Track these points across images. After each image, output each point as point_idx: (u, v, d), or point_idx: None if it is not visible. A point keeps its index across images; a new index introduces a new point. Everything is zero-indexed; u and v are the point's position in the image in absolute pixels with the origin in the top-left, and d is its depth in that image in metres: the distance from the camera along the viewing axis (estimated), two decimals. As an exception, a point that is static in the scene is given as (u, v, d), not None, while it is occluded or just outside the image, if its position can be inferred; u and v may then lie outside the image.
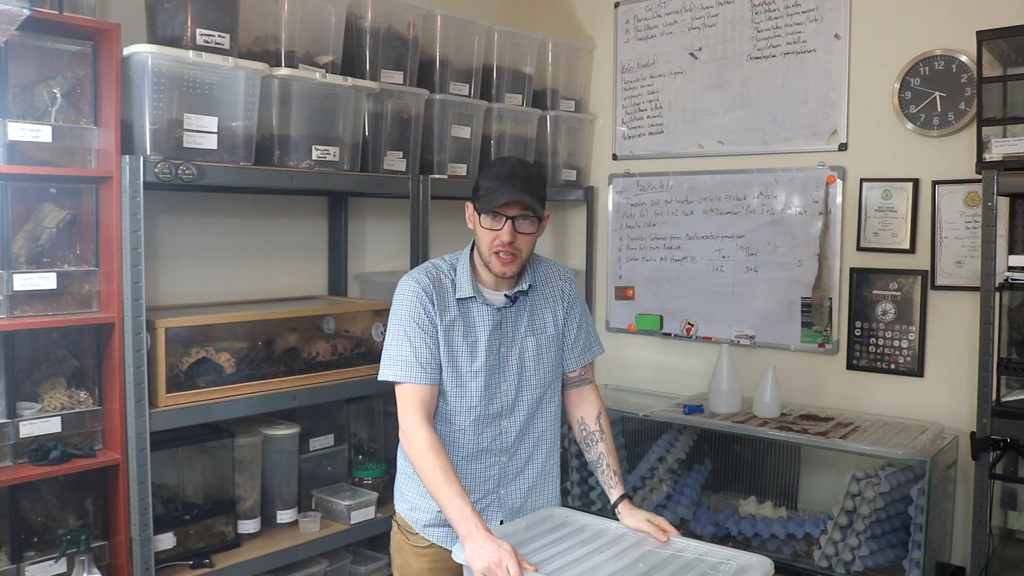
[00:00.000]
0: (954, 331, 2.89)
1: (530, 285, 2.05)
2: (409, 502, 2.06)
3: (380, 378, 1.98)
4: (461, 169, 3.16)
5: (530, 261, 2.08)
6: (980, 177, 2.46)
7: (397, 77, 2.91)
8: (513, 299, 2.03)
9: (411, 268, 2.94)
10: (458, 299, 2.00)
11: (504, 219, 1.92)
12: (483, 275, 2.03)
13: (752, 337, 3.32)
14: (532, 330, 2.06)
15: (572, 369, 2.15)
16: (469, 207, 2.02)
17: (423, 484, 1.88)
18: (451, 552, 1.83)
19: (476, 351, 1.99)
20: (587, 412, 2.15)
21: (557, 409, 2.14)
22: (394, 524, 2.13)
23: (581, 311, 2.16)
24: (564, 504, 2.24)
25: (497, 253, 1.94)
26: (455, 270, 2.03)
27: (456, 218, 3.64)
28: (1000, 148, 2.42)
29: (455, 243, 3.59)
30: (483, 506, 2.04)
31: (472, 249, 2.06)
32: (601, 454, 2.09)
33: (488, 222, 1.94)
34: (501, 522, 2.04)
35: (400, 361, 1.94)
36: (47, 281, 2.13)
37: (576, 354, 2.14)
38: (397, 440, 2.00)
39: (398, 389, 1.96)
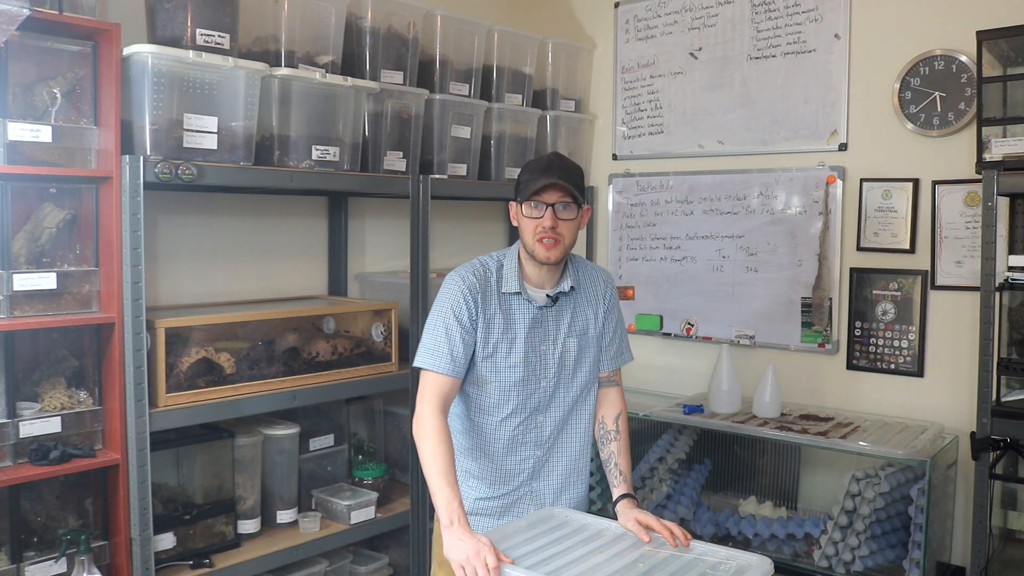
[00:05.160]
0: (954, 331, 2.89)
1: (572, 286, 2.11)
2: None
3: (415, 364, 2.05)
4: (461, 169, 3.16)
5: (574, 263, 2.16)
6: (980, 177, 2.46)
7: (397, 77, 2.91)
8: (554, 299, 2.09)
9: (411, 267, 2.96)
10: (502, 294, 2.07)
11: (545, 206, 1.99)
12: (528, 269, 2.09)
13: (752, 337, 3.32)
14: (574, 331, 2.13)
15: (602, 371, 2.22)
16: (513, 206, 2.09)
17: (421, 465, 1.93)
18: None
19: (515, 346, 2.06)
20: (608, 412, 2.21)
21: (592, 409, 2.21)
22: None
23: (617, 317, 2.24)
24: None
25: (541, 240, 2.00)
26: (502, 267, 2.10)
27: (456, 218, 3.65)
28: (1000, 148, 2.42)
29: (455, 243, 3.59)
30: (516, 498, 2.13)
31: (519, 250, 2.12)
32: (612, 453, 2.15)
33: (529, 211, 2.01)
34: None
35: (432, 350, 2.01)
36: (47, 281, 2.13)
37: (608, 357, 2.21)
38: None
39: (423, 375, 2.02)
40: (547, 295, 2.09)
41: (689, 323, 3.50)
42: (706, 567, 1.80)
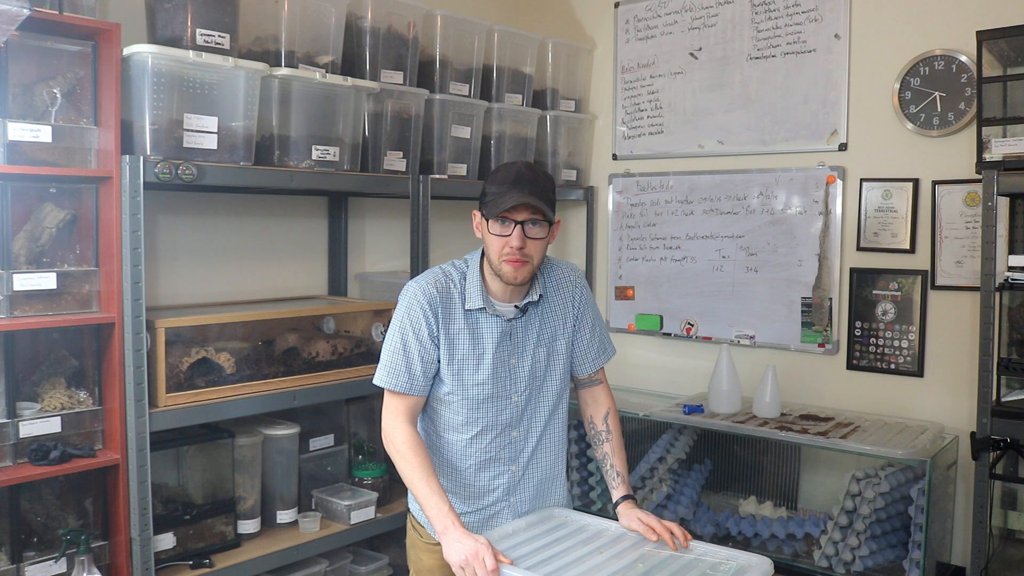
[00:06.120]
0: (954, 331, 2.89)
1: (540, 295, 2.03)
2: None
3: (374, 381, 2.00)
4: (461, 169, 3.16)
5: (541, 268, 2.06)
6: (980, 177, 2.46)
7: (397, 77, 2.91)
8: (523, 310, 2.02)
9: (411, 267, 2.96)
10: (466, 310, 1.98)
11: (513, 224, 1.89)
12: (492, 285, 2.00)
13: (752, 337, 3.32)
14: (543, 340, 2.05)
15: (584, 372, 2.15)
16: (476, 215, 1.99)
17: (403, 480, 1.91)
18: None
19: (482, 363, 1.98)
20: (596, 412, 2.16)
21: (566, 414, 2.15)
22: (408, 519, 2.15)
23: (593, 315, 2.14)
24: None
25: (508, 260, 1.91)
26: (465, 278, 2.00)
27: (456, 218, 3.65)
28: (1000, 148, 2.42)
29: (455, 243, 3.59)
30: (493, 512, 2.07)
31: (482, 258, 2.02)
32: (606, 454, 2.10)
33: (497, 228, 1.91)
34: None
35: (392, 369, 1.97)
36: (47, 281, 2.13)
37: (590, 358, 2.14)
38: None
39: (387, 393, 1.99)
40: (515, 306, 2.01)
41: (689, 323, 3.50)
42: (706, 567, 1.80)
